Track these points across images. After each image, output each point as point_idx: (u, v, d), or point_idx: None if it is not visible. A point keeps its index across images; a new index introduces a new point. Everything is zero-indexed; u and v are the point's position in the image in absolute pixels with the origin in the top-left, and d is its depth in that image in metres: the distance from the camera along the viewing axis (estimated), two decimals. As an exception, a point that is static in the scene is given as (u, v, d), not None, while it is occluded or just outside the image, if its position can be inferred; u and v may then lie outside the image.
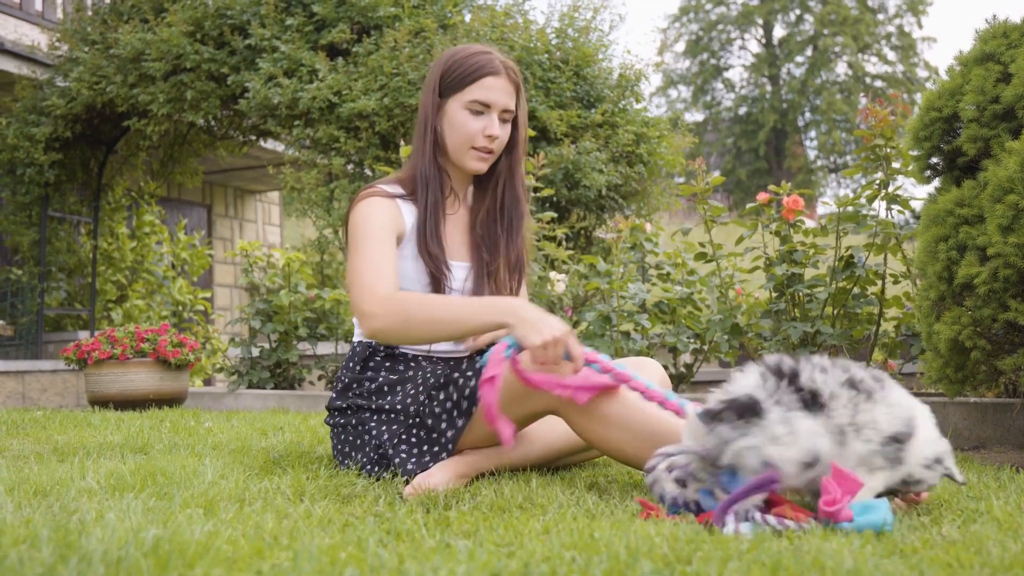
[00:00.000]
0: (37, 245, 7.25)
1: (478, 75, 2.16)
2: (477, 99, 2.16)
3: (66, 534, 1.28)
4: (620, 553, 1.25)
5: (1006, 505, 1.70)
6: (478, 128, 2.17)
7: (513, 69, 2.21)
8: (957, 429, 3.21)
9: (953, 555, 1.29)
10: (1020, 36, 2.52)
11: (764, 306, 4.19)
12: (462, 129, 2.17)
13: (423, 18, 5.97)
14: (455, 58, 2.21)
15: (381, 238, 2.10)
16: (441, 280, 2.17)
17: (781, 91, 31.49)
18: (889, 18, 30.91)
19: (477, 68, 2.17)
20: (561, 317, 4.79)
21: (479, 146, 2.18)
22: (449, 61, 2.22)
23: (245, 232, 10.97)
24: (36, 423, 3.62)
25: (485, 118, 2.17)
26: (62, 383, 6.48)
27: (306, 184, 5.83)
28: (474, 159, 2.20)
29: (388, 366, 2.21)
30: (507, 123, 2.22)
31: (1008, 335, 2.41)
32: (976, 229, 2.36)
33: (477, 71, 2.16)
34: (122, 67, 6.36)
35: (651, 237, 5.06)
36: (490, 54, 2.19)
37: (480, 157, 2.20)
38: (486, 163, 2.22)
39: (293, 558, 1.21)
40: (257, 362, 5.49)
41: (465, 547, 1.30)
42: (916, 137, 2.75)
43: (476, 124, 2.17)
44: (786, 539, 1.38)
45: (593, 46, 6.41)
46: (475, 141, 2.18)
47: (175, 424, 3.56)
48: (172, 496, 1.71)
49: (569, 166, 5.72)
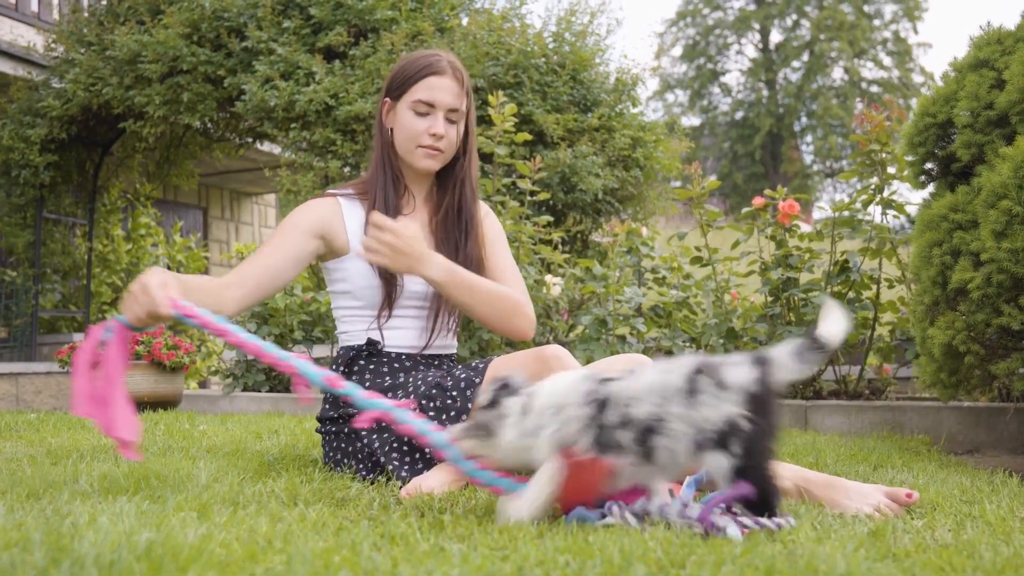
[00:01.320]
0: (32, 247, 7.23)
1: (422, 75, 2.19)
2: (421, 99, 2.19)
3: (59, 537, 1.28)
4: (614, 557, 1.25)
5: (999, 509, 1.70)
6: (423, 127, 2.20)
7: (459, 70, 2.23)
8: (951, 433, 3.21)
9: (946, 559, 1.29)
10: (1014, 43, 2.52)
11: (759, 310, 4.20)
12: (408, 128, 2.21)
13: (420, 21, 5.98)
14: (404, 61, 2.25)
15: (280, 235, 2.18)
16: (391, 279, 2.19)
17: (777, 96, 31.55)
18: (885, 23, 31.00)
19: (421, 68, 2.20)
20: (557, 321, 4.80)
21: (425, 144, 2.20)
22: (399, 64, 2.26)
23: (241, 235, 10.96)
24: (30, 425, 3.61)
25: (430, 118, 2.20)
26: (56, 385, 6.46)
27: (302, 187, 5.82)
28: (422, 157, 2.22)
29: (372, 369, 2.22)
30: (455, 124, 2.24)
31: (1001, 340, 2.42)
32: (970, 234, 2.37)
33: (421, 71, 2.19)
34: (118, 69, 6.35)
35: (647, 241, 5.06)
36: (437, 55, 2.22)
37: (428, 154, 2.22)
38: (435, 161, 2.24)
39: (287, 562, 1.21)
40: (252, 365, 5.49)
41: (459, 551, 1.30)
42: (911, 142, 2.76)
43: (421, 124, 2.20)
44: (780, 543, 1.39)
45: (590, 50, 6.42)
46: (421, 140, 2.20)
47: (169, 427, 3.55)
48: (166, 499, 1.71)
49: (565, 170, 5.72)
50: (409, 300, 2.23)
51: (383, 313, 2.21)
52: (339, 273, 2.27)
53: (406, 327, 2.24)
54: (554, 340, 4.79)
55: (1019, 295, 2.24)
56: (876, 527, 1.52)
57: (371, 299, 2.21)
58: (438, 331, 2.27)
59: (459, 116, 2.23)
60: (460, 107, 2.22)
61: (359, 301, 2.22)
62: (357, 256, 2.19)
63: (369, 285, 2.20)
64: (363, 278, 2.20)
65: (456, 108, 2.21)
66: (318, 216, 2.21)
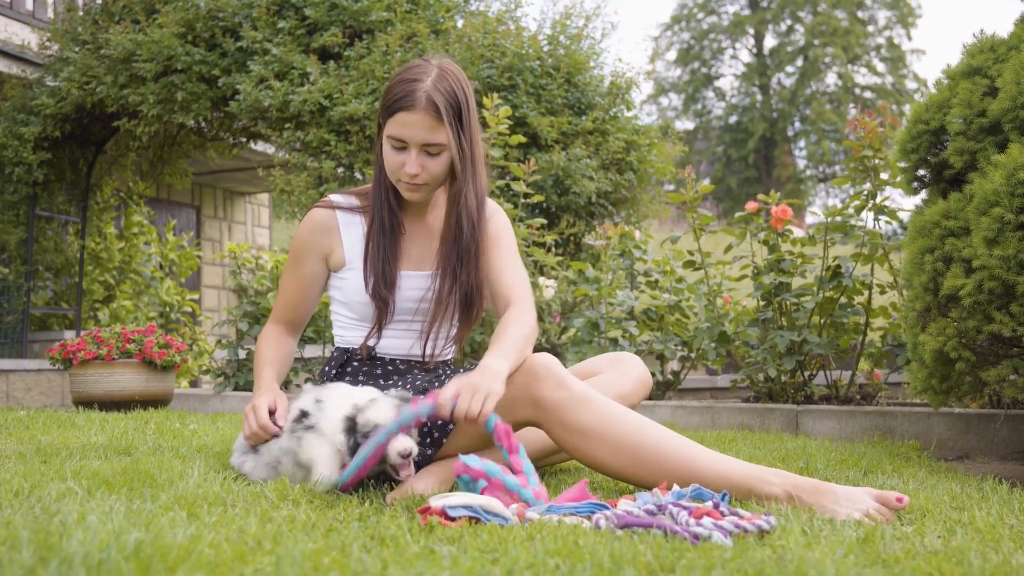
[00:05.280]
0: (24, 244, 7.21)
1: (393, 109, 2.05)
2: (392, 135, 2.06)
3: (47, 536, 1.27)
4: (604, 561, 1.25)
5: (988, 516, 1.71)
6: (398, 163, 2.08)
7: (435, 101, 2.02)
8: (941, 439, 3.22)
9: (935, 565, 1.29)
10: (1007, 50, 2.53)
11: (751, 314, 4.21)
12: (388, 161, 2.11)
13: (415, 23, 5.98)
14: (390, 83, 2.11)
15: (299, 261, 2.28)
16: (381, 305, 2.17)
17: (771, 100, 31.63)
18: (879, 30, 31.11)
19: (394, 101, 2.04)
20: (550, 323, 4.80)
21: (403, 180, 2.11)
22: (389, 83, 2.12)
23: (234, 234, 10.94)
24: (19, 423, 3.60)
25: (404, 154, 2.07)
26: (47, 383, 6.44)
27: (296, 187, 5.82)
28: (405, 190, 2.14)
29: (366, 371, 2.22)
30: (436, 156, 2.08)
31: (992, 347, 2.42)
32: (962, 241, 2.38)
33: (393, 104, 2.05)
34: (113, 67, 6.34)
35: (640, 244, 5.07)
36: (415, 83, 2.04)
37: (408, 188, 2.12)
38: (418, 193, 2.13)
39: (276, 563, 1.21)
40: (244, 364, 5.48)
41: (449, 553, 1.30)
42: (904, 149, 2.77)
43: (396, 159, 2.08)
44: (769, 548, 1.39)
45: (585, 53, 6.43)
46: (398, 174, 2.10)
47: (160, 426, 3.54)
48: (155, 498, 1.70)
49: (559, 172, 5.73)
50: (401, 316, 2.22)
51: (373, 334, 2.21)
52: (337, 282, 2.27)
53: (400, 337, 2.24)
54: (546, 343, 4.80)
55: (1010, 302, 2.25)
56: (866, 533, 1.52)
57: (365, 313, 2.21)
58: (432, 346, 2.26)
59: (439, 148, 2.07)
60: (436, 140, 2.05)
61: (353, 313, 2.22)
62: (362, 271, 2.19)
63: (364, 301, 2.19)
64: (358, 293, 2.19)
65: (430, 142, 2.05)
66: (316, 240, 2.24)
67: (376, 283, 2.17)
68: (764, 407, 3.77)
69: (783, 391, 3.98)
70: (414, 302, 2.21)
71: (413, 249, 2.25)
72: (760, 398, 4.10)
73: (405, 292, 2.20)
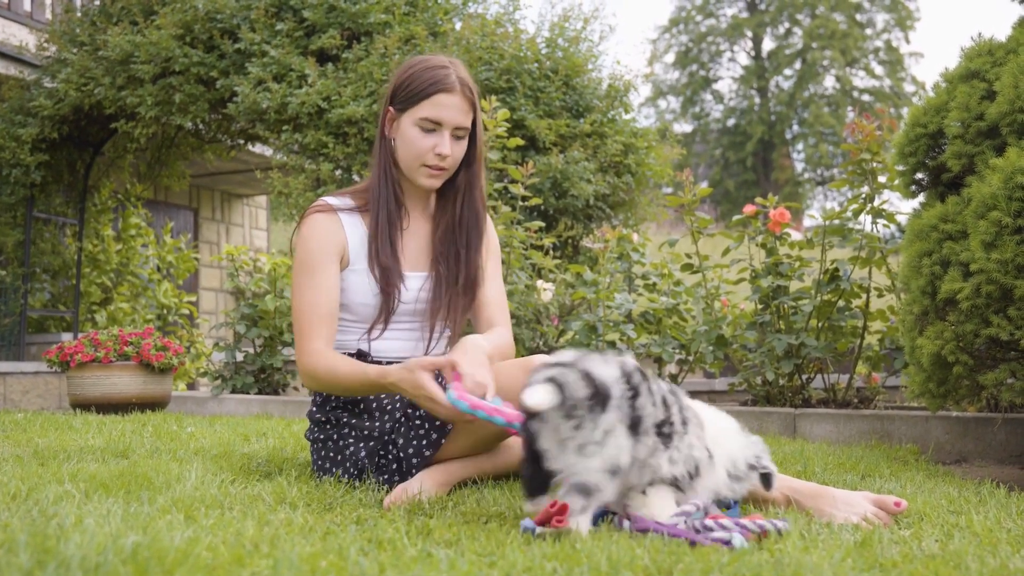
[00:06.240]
0: (21, 246, 7.20)
1: (430, 91, 2.10)
2: (428, 117, 2.10)
3: (44, 539, 1.27)
4: (601, 565, 1.25)
5: (986, 520, 1.71)
6: (429, 146, 2.12)
7: (469, 86, 2.14)
8: (939, 443, 3.22)
9: (933, 569, 1.29)
10: (1005, 54, 2.54)
11: (749, 318, 4.21)
12: (413, 146, 2.13)
13: (413, 25, 5.98)
14: (411, 71, 2.15)
15: (319, 268, 2.14)
16: (391, 293, 2.17)
17: (769, 103, 31.66)
18: (877, 33, 31.15)
19: (430, 84, 2.10)
20: (547, 326, 4.80)
21: (430, 163, 2.14)
22: (405, 74, 2.16)
23: (232, 236, 10.93)
24: (17, 426, 3.59)
25: (436, 136, 2.12)
26: (44, 385, 6.43)
27: (293, 189, 5.82)
28: (425, 176, 2.16)
29: None
30: (461, 140, 2.16)
31: (990, 350, 2.43)
32: (960, 245, 2.38)
33: (430, 87, 2.10)
34: (110, 69, 6.34)
35: (638, 247, 5.07)
36: (446, 69, 2.12)
37: (431, 174, 2.16)
38: (438, 180, 2.18)
39: (273, 566, 1.20)
40: (241, 367, 5.47)
41: (446, 556, 1.30)
42: (902, 152, 2.77)
43: (427, 142, 2.12)
44: (767, 552, 1.39)
45: (583, 56, 6.43)
46: (426, 159, 2.13)
47: (157, 428, 3.54)
48: (152, 501, 1.70)
49: (557, 175, 5.73)
50: (401, 315, 2.22)
51: (377, 327, 2.20)
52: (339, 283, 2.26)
53: (398, 339, 2.23)
54: (544, 345, 4.79)
55: (1008, 306, 2.25)
56: (863, 537, 1.52)
57: (364, 315, 2.20)
58: (434, 345, 2.26)
59: (465, 132, 2.16)
60: (466, 123, 2.14)
61: (352, 315, 2.21)
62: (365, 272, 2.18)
63: (364, 303, 2.18)
64: (359, 295, 2.18)
65: (462, 126, 2.14)
66: (329, 242, 2.17)
67: (385, 272, 2.16)
68: (762, 410, 3.77)
69: (781, 394, 3.98)
70: (410, 303, 2.21)
71: (408, 250, 2.25)
72: (758, 401, 4.10)
73: (404, 292, 2.20)
